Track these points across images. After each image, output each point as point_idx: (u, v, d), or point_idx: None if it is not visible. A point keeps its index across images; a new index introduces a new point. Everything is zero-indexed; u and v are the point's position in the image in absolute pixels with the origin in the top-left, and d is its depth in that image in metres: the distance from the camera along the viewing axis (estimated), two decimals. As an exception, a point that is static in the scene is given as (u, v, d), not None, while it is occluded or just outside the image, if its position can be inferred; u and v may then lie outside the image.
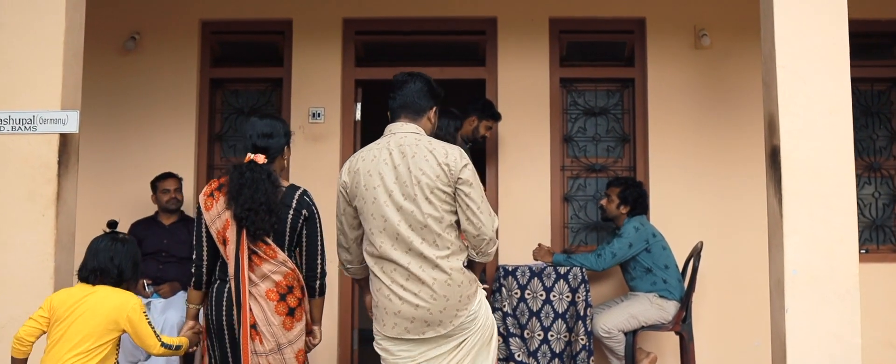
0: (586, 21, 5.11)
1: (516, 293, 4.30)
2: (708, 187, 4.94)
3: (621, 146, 5.16)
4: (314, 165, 4.92)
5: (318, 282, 2.95)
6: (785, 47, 3.11)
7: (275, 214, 2.82)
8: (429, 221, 2.70)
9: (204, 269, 2.95)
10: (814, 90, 3.08)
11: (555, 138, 5.03)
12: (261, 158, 2.88)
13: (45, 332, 2.75)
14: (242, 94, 5.23)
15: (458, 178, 2.72)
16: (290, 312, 2.83)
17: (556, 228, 5.01)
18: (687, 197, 4.93)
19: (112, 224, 2.95)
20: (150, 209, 4.77)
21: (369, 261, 2.82)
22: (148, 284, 4.47)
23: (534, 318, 4.26)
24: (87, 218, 4.77)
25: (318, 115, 4.95)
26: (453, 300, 2.70)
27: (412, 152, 2.74)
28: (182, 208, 4.76)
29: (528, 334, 4.26)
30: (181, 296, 4.44)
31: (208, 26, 5.14)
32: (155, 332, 2.75)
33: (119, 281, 2.78)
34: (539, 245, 4.53)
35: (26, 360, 2.75)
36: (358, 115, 5.09)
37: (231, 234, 2.81)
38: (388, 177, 2.73)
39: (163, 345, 2.77)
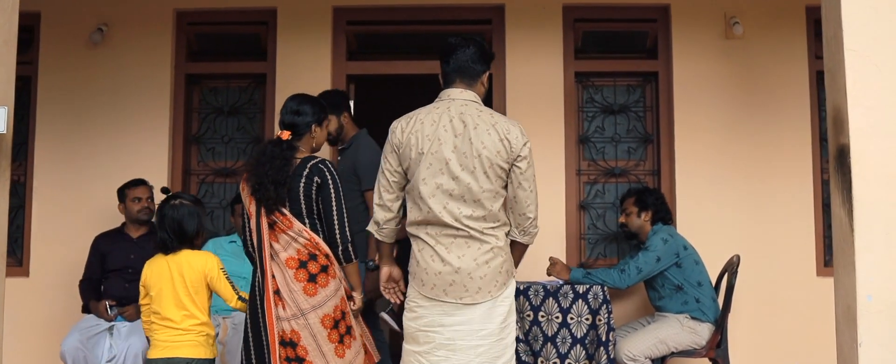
0: (604, 8, 4.83)
1: (529, 315, 3.86)
2: (741, 193, 4.59)
3: (643, 147, 4.81)
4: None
5: (340, 248, 3.04)
6: (855, 27, 2.66)
7: (284, 186, 3.00)
8: (482, 196, 2.81)
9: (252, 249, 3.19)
10: (891, 78, 2.64)
11: (569, 139, 4.71)
12: (285, 135, 3.08)
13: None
14: (222, 92, 4.94)
15: (518, 156, 2.83)
16: (311, 279, 2.98)
17: (571, 240, 4.66)
18: (718, 204, 4.58)
19: (165, 190, 3.43)
20: (118, 220, 4.39)
21: (413, 228, 2.90)
22: (111, 306, 4.07)
23: (549, 344, 3.84)
24: (47, 229, 4.65)
25: (307, 114, 4.54)
26: (493, 271, 2.82)
27: (474, 123, 2.82)
28: (153, 219, 4.31)
29: (542, 362, 3.83)
30: (148, 319, 4.00)
31: (184, 17, 4.86)
32: (233, 286, 3.13)
33: (184, 243, 3.11)
34: (553, 260, 4.12)
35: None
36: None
37: (252, 208, 3.05)
38: (447, 145, 2.82)
39: (240, 299, 3.12)
